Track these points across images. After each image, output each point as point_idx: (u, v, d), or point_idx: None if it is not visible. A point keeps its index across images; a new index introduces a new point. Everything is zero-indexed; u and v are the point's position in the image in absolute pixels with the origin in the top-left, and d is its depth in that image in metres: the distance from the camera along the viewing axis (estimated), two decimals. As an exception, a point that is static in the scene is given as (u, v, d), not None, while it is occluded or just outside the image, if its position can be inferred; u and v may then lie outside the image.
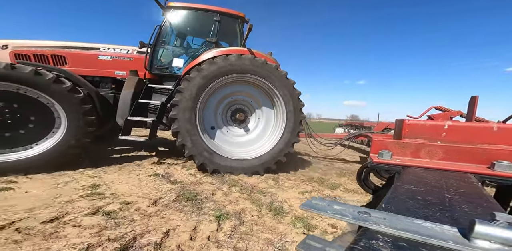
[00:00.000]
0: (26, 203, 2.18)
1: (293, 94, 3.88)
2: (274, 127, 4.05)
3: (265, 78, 3.76)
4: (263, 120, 4.11)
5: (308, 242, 0.59)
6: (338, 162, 5.48)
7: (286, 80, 3.84)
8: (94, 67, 4.17)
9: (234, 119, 4.03)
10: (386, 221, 0.46)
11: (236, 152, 3.89)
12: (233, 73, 3.67)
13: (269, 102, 4.06)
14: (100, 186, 2.79)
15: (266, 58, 3.95)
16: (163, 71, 4.35)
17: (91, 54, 4.19)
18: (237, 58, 3.63)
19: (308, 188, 3.29)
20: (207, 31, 4.43)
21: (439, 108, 5.03)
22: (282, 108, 3.90)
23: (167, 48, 4.54)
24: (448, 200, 0.64)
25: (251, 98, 4.05)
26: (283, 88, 3.82)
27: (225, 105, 4.00)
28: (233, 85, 3.91)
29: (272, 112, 4.07)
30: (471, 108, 3.76)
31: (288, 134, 3.89)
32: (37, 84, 3.04)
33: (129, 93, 3.77)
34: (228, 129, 4.06)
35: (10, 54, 3.86)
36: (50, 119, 3.24)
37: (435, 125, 1.21)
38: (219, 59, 3.61)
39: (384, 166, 1.06)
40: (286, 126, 3.90)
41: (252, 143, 4.04)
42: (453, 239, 0.40)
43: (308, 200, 0.57)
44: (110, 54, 4.27)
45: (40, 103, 3.17)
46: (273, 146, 3.87)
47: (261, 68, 3.71)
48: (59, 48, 4.10)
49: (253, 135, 4.10)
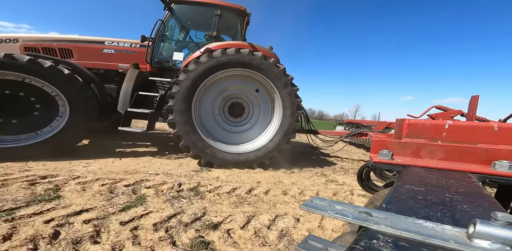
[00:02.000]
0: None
1: (291, 90, 3.88)
2: (270, 122, 4.06)
3: (262, 73, 3.77)
4: (260, 115, 4.11)
5: (309, 242, 0.59)
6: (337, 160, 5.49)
7: (283, 76, 3.83)
8: (99, 60, 4.32)
9: (231, 113, 4.04)
10: (387, 221, 0.46)
11: (231, 145, 3.92)
12: (226, 68, 3.67)
13: (267, 96, 4.05)
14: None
15: (265, 52, 3.95)
16: (163, 65, 4.41)
17: (96, 48, 4.34)
18: (220, 52, 3.60)
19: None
20: (208, 25, 4.47)
21: (440, 108, 5.01)
22: (279, 103, 3.90)
23: (168, 42, 4.59)
24: (449, 200, 0.64)
25: (249, 92, 4.06)
26: (280, 83, 3.82)
27: (222, 99, 4.02)
28: (231, 79, 3.91)
29: (269, 107, 4.08)
30: (471, 108, 3.75)
31: (283, 129, 3.89)
32: (36, 73, 3.15)
33: (129, 86, 3.87)
34: (225, 122, 4.07)
35: (21, 48, 4.05)
36: (54, 107, 3.36)
37: (435, 125, 1.21)
38: (204, 56, 3.62)
39: (384, 165, 1.06)
40: (283, 121, 3.90)
41: (248, 137, 4.06)
42: (454, 239, 0.40)
43: (309, 200, 0.57)
44: (114, 47, 4.40)
45: (45, 92, 3.28)
46: (269, 140, 3.89)
47: (258, 63, 3.71)
48: (66, 41, 4.26)
49: (250, 129, 4.12)
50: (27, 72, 3.10)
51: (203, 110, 3.87)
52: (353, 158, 5.76)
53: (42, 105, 3.31)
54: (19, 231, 1.51)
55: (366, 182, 1.31)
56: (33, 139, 3.25)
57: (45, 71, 3.16)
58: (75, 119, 3.37)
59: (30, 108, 3.27)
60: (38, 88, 3.24)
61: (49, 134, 3.31)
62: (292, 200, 2.57)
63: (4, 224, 1.56)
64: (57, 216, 1.72)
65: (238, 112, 4.03)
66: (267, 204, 2.41)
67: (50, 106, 3.33)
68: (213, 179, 3.12)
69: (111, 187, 2.43)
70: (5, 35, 4.13)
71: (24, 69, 3.07)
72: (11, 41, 4.05)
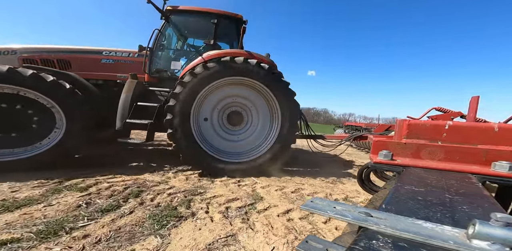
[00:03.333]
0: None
1: (288, 95, 3.87)
2: (270, 129, 4.04)
3: (258, 80, 3.74)
4: (259, 122, 4.08)
5: (309, 243, 0.59)
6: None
7: (279, 82, 3.82)
8: (97, 71, 4.29)
9: (230, 121, 4.02)
10: (387, 222, 0.46)
11: (231, 154, 3.90)
12: (221, 78, 3.66)
13: (265, 104, 4.04)
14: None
15: (262, 59, 3.95)
16: (162, 74, 4.39)
17: (93, 58, 4.32)
18: (210, 64, 3.58)
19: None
20: (205, 33, 4.48)
21: (440, 109, 5.00)
22: (277, 109, 3.89)
23: (165, 51, 4.60)
24: (449, 201, 0.64)
25: (247, 100, 4.03)
26: (277, 89, 3.81)
27: (221, 107, 3.99)
28: (229, 87, 3.89)
29: (268, 114, 4.06)
30: (471, 109, 3.74)
31: (283, 136, 3.87)
32: (34, 87, 3.13)
33: (128, 96, 3.83)
34: (224, 132, 4.04)
35: (19, 59, 4.02)
36: (51, 119, 3.32)
37: (435, 125, 1.21)
38: (199, 67, 3.60)
39: (384, 166, 1.06)
40: (282, 128, 3.88)
41: (247, 145, 4.04)
42: (453, 239, 0.40)
43: (308, 201, 0.57)
44: (112, 57, 4.39)
45: (40, 104, 3.24)
46: (268, 148, 3.86)
47: (252, 70, 3.68)
48: (64, 52, 4.24)
49: (249, 137, 4.08)
50: (29, 87, 3.08)
51: (202, 120, 3.88)
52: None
53: (39, 118, 3.27)
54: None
55: (366, 183, 1.31)
56: (33, 152, 3.20)
57: (47, 85, 3.14)
58: (72, 131, 3.33)
59: (27, 121, 3.23)
60: (33, 100, 3.21)
61: (48, 146, 3.27)
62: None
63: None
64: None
65: (236, 120, 4.03)
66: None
67: (47, 119, 3.30)
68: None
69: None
70: (2, 47, 4.09)
71: (27, 83, 3.06)
72: (9, 53, 4.03)
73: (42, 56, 4.13)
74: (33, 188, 2.60)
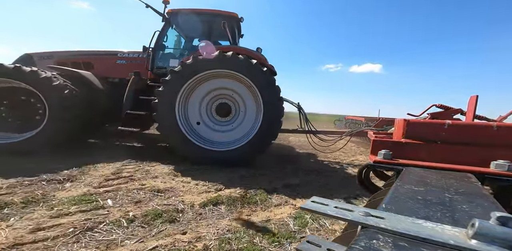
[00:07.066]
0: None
1: (272, 90, 3.93)
2: (254, 121, 4.14)
3: (244, 74, 3.86)
4: (245, 114, 4.22)
5: (309, 243, 0.59)
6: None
7: (264, 75, 3.88)
8: (113, 70, 4.97)
9: (218, 112, 4.21)
10: (387, 221, 0.46)
11: (216, 143, 4.06)
12: (208, 70, 3.85)
13: (251, 96, 4.14)
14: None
15: (251, 54, 4.16)
16: (162, 71, 4.73)
17: (110, 59, 4.98)
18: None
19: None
20: (203, 32, 4.96)
21: (440, 106, 4.98)
22: (261, 103, 3.96)
23: (165, 50, 5.06)
24: (449, 200, 0.64)
25: (233, 92, 4.18)
26: (261, 83, 3.88)
27: (209, 99, 4.18)
28: (216, 79, 4.05)
29: (254, 107, 4.16)
30: (471, 108, 3.74)
31: (265, 129, 3.94)
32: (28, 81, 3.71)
33: (130, 91, 4.31)
34: (211, 122, 4.23)
35: (54, 63, 4.75)
36: (40, 111, 3.89)
37: (435, 125, 1.21)
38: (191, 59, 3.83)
39: (384, 165, 1.06)
40: (263, 120, 3.94)
41: (232, 135, 4.19)
42: (453, 239, 0.40)
43: (309, 200, 0.57)
44: (125, 58, 5.03)
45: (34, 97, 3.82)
46: (250, 139, 3.94)
47: (240, 64, 3.83)
48: (88, 55, 5.02)
49: (234, 128, 4.23)
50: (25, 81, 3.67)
51: (190, 113, 4.08)
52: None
53: (31, 109, 3.88)
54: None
55: (366, 182, 1.31)
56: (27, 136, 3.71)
57: (39, 80, 3.67)
58: (53, 122, 3.75)
59: (34, 112, 3.85)
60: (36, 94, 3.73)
61: (37, 133, 3.73)
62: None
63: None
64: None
65: (225, 111, 4.21)
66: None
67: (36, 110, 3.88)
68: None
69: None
70: (43, 52, 4.96)
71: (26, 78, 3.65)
72: (48, 58, 4.87)
73: (72, 60, 4.87)
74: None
